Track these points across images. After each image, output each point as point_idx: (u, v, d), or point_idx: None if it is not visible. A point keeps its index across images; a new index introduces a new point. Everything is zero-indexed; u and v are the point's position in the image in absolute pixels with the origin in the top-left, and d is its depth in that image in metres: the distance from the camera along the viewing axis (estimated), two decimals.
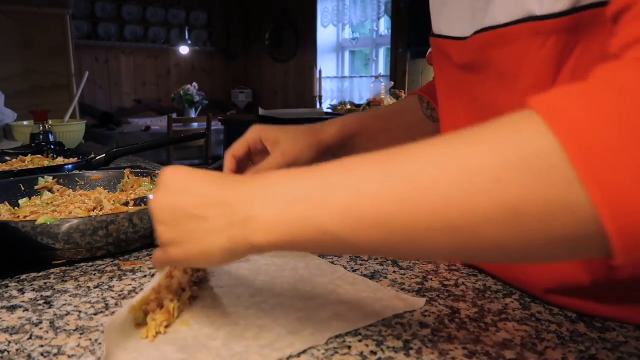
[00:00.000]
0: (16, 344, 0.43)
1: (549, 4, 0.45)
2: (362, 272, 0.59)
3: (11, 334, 0.45)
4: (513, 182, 0.27)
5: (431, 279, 0.57)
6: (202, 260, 0.39)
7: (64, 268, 0.61)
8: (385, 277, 0.58)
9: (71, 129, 1.64)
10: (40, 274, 0.60)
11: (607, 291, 0.49)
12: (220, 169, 0.66)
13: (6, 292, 0.54)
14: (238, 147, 0.66)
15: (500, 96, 0.53)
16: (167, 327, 0.45)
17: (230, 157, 0.66)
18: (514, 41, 0.49)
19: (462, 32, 0.57)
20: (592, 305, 0.49)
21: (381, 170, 0.32)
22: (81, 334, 0.45)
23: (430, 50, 0.84)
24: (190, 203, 0.39)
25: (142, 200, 0.77)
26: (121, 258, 0.65)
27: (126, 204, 0.76)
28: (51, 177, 0.86)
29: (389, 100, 3.60)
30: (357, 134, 0.72)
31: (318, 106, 4.09)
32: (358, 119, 0.73)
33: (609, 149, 0.25)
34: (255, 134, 0.66)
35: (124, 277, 0.58)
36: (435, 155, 0.30)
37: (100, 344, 0.43)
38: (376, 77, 3.86)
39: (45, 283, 0.57)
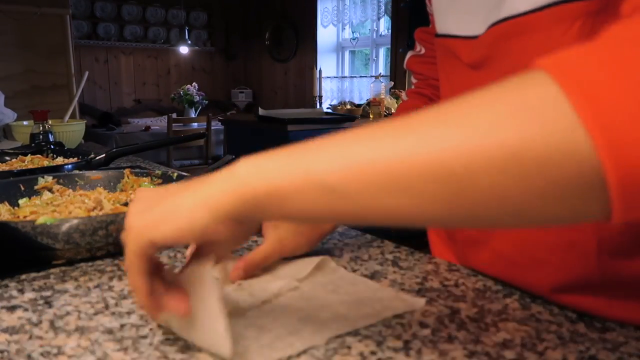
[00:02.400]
0: (16, 343, 0.43)
1: None
2: (362, 272, 0.59)
3: (11, 334, 0.45)
4: (513, 126, 0.27)
5: (431, 279, 0.57)
6: (170, 219, 0.36)
7: (63, 268, 0.61)
8: (385, 277, 0.58)
9: (71, 129, 1.64)
10: (40, 274, 0.60)
11: (616, 288, 0.49)
12: (220, 168, 0.65)
13: (6, 292, 0.54)
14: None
15: None
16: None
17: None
18: (533, 30, 0.47)
19: (473, 30, 0.55)
20: (601, 303, 0.49)
21: (379, 130, 0.32)
22: (81, 334, 0.45)
23: (409, 56, 0.81)
24: (170, 189, 0.38)
25: None
26: (121, 258, 0.65)
27: (126, 204, 0.75)
28: (51, 177, 0.86)
29: (389, 101, 3.59)
30: None
31: (318, 106, 4.08)
32: None
33: (613, 94, 0.25)
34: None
35: (124, 277, 0.58)
36: (438, 109, 0.30)
37: (100, 343, 0.43)
38: (376, 77, 3.86)
39: (45, 283, 0.57)
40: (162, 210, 0.36)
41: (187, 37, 5.05)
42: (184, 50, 5.25)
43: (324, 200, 0.32)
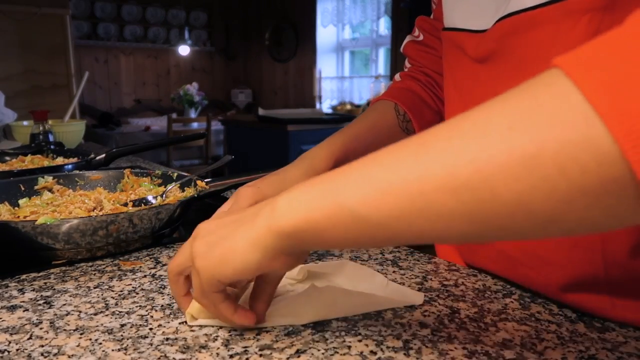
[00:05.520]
0: (16, 344, 0.43)
1: None
2: None
3: (11, 334, 0.45)
4: (527, 127, 0.25)
5: (431, 279, 0.57)
6: (228, 261, 0.39)
7: (64, 268, 0.61)
8: (385, 277, 0.58)
9: (71, 129, 1.64)
10: (40, 274, 0.60)
11: (622, 288, 0.49)
12: (221, 168, 0.65)
13: (6, 292, 0.54)
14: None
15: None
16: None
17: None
18: (541, 24, 0.47)
19: (481, 24, 0.55)
20: (606, 303, 0.49)
21: (399, 149, 0.31)
22: (81, 334, 0.45)
23: (407, 40, 0.82)
24: (225, 226, 0.41)
25: (141, 202, 0.77)
26: (121, 258, 0.65)
27: (126, 204, 0.76)
28: (51, 177, 0.86)
29: None
30: (343, 161, 0.66)
31: (318, 106, 4.09)
32: (343, 145, 0.66)
33: (629, 82, 0.23)
34: (249, 199, 0.56)
35: (123, 277, 0.58)
36: (453, 121, 0.29)
37: (100, 343, 0.43)
38: (376, 77, 3.86)
39: (45, 283, 0.57)
40: (221, 253, 0.39)
41: (187, 37, 5.05)
42: (183, 50, 5.26)
43: (356, 228, 0.32)
